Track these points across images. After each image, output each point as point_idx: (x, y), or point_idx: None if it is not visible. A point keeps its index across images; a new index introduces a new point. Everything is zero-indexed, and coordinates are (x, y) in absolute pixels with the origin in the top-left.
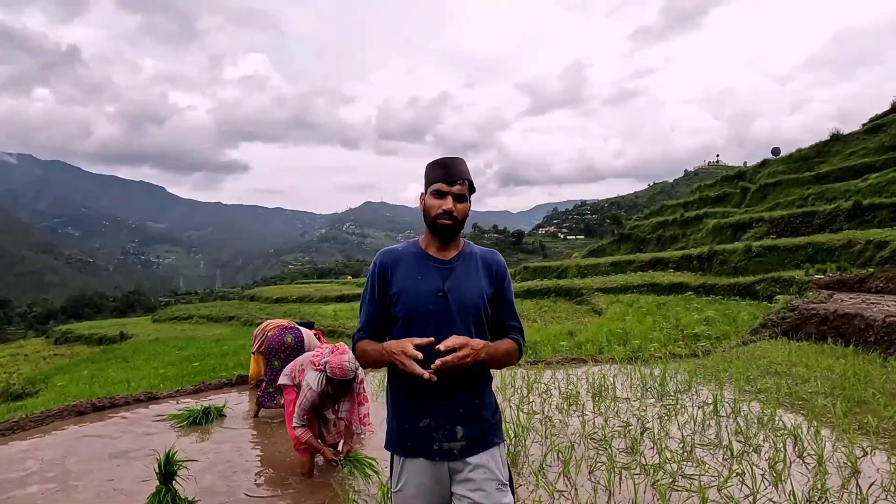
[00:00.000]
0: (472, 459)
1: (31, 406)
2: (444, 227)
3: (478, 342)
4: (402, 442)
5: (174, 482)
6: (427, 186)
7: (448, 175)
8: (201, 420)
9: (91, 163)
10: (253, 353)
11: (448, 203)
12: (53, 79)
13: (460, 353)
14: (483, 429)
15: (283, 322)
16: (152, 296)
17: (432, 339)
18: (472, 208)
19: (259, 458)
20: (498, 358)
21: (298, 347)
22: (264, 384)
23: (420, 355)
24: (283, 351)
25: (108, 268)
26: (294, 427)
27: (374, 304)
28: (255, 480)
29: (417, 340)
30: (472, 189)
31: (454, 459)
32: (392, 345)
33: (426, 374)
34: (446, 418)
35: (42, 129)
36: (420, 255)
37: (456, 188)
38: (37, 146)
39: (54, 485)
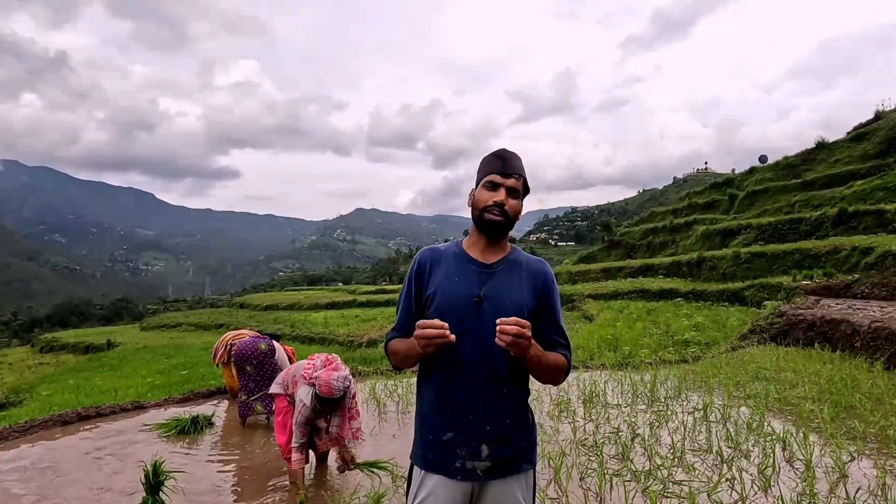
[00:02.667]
0: (496, 482)
1: (16, 416)
2: (490, 223)
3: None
4: (423, 454)
5: (161, 493)
6: (479, 179)
7: (505, 167)
8: (190, 429)
9: (79, 169)
10: (216, 365)
11: (500, 195)
12: (41, 84)
13: (518, 329)
14: (513, 452)
15: (246, 332)
16: (140, 303)
17: (453, 337)
18: (463, 215)
19: (248, 468)
20: (544, 366)
21: (271, 354)
22: (239, 393)
23: (445, 328)
24: (257, 357)
25: (96, 275)
26: (292, 447)
27: (409, 304)
28: (244, 491)
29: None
30: (527, 189)
31: (476, 480)
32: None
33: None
34: (472, 434)
35: (29, 135)
36: (460, 256)
37: (511, 182)
38: (23, 152)
39: (39, 496)
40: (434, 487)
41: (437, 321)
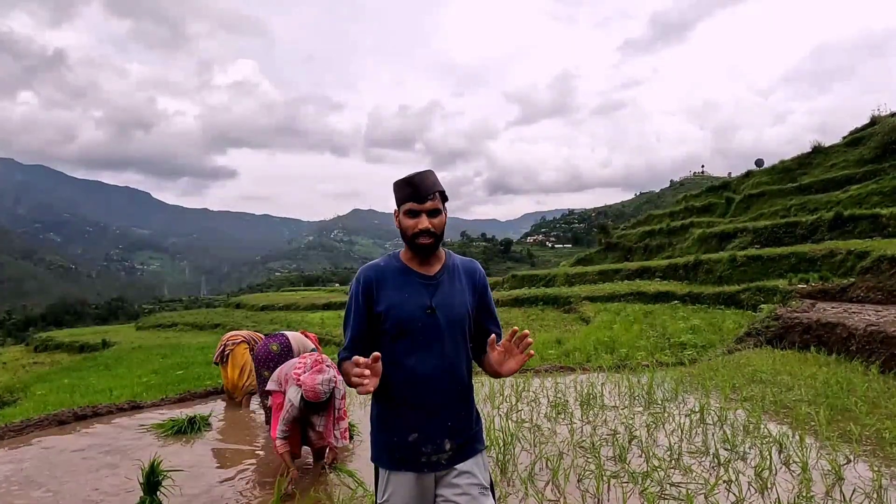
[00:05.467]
0: (458, 466)
1: (10, 415)
2: (424, 246)
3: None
4: (389, 455)
5: (158, 492)
6: (399, 205)
7: (417, 193)
8: (186, 429)
9: (74, 168)
10: (214, 363)
11: (423, 222)
12: (38, 82)
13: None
14: (468, 438)
15: (242, 334)
16: (136, 303)
17: (377, 354)
18: (461, 216)
19: (244, 468)
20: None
21: (286, 353)
22: (260, 397)
23: (363, 361)
24: (272, 360)
25: (91, 274)
26: (276, 438)
27: (360, 322)
28: (241, 491)
29: (361, 360)
30: (444, 198)
31: (441, 469)
32: (346, 368)
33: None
34: (435, 432)
35: (25, 133)
36: (404, 271)
37: (428, 205)
38: (18, 150)
39: (36, 496)
40: (400, 482)
41: (361, 359)
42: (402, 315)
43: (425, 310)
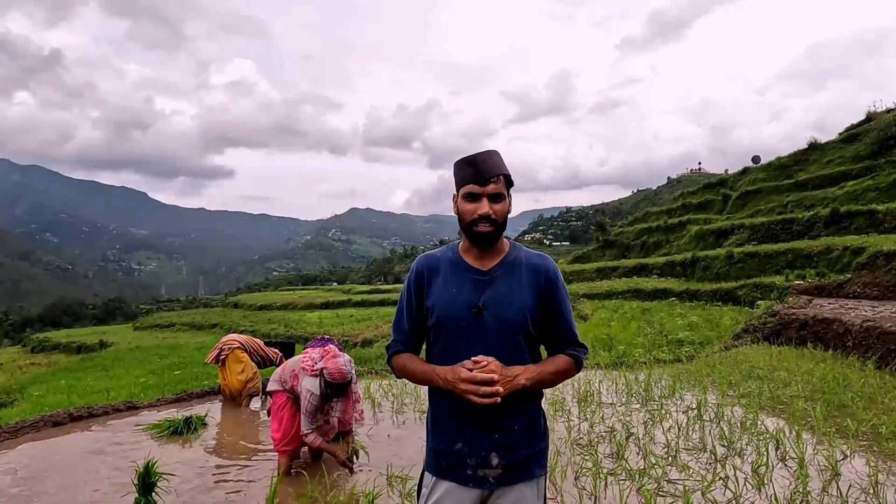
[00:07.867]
0: (508, 490)
1: (6, 417)
2: (482, 235)
3: (515, 370)
4: (436, 462)
5: (154, 494)
6: (457, 188)
7: (479, 174)
8: (183, 430)
9: (71, 168)
10: (206, 362)
11: (483, 207)
12: (35, 83)
13: (490, 388)
14: (523, 457)
15: (239, 339)
16: (133, 303)
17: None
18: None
19: (241, 469)
20: (546, 380)
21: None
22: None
23: (476, 376)
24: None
25: (88, 275)
26: (304, 433)
27: (411, 314)
28: (237, 491)
29: (468, 368)
30: (509, 183)
31: (488, 487)
32: (447, 372)
33: (492, 400)
34: (481, 444)
35: (21, 133)
36: (457, 264)
37: (490, 188)
38: (14, 150)
39: (31, 498)
40: (444, 494)
41: (487, 375)
42: (445, 313)
43: (471, 308)
